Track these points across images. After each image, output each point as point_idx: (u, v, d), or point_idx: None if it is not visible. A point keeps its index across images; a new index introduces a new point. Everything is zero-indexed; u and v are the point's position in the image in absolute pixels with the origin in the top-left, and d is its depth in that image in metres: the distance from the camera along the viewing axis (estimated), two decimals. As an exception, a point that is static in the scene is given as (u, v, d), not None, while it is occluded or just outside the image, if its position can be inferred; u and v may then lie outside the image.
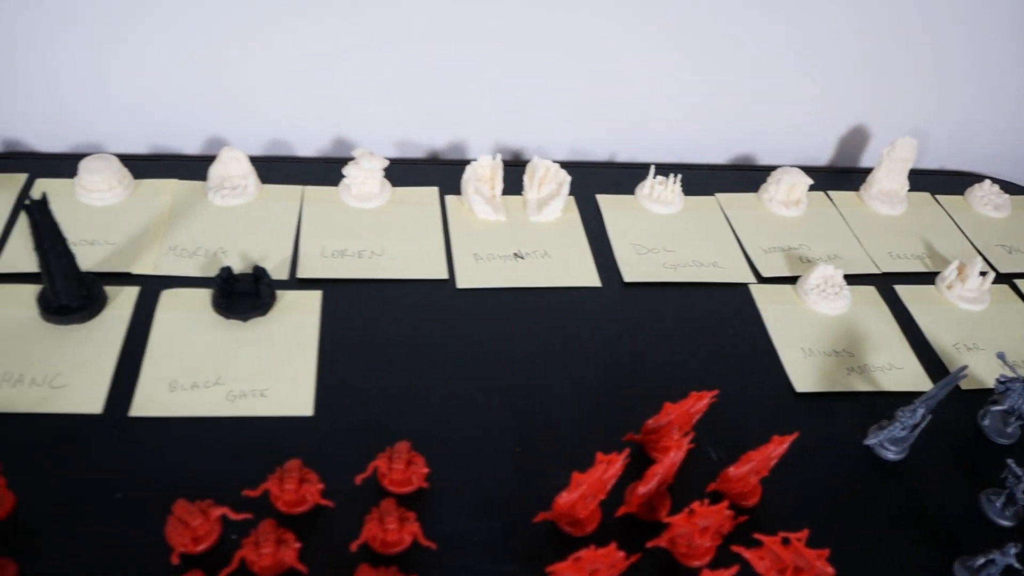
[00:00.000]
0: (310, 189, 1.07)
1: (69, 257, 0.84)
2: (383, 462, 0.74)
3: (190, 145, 1.15)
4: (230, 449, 0.78)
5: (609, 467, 0.70)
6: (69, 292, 0.86)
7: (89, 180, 1.00)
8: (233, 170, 1.03)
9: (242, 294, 0.90)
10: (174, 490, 0.71)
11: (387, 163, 1.04)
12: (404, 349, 0.89)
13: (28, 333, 0.85)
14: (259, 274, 0.90)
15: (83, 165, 1.00)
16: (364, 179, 1.04)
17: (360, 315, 0.92)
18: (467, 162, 1.06)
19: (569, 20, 1.09)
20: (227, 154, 1.03)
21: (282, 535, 0.68)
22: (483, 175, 1.05)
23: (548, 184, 1.08)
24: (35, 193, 0.95)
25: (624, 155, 1.26)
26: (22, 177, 1.03)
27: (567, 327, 0.94)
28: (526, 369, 0.88)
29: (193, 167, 1.07)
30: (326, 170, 1.08)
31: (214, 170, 1.03)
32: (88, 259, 0.92)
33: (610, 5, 1.08)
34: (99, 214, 1.00)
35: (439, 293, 0.96)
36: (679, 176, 1.11)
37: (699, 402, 0.77)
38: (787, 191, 1.12)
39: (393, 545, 0.70)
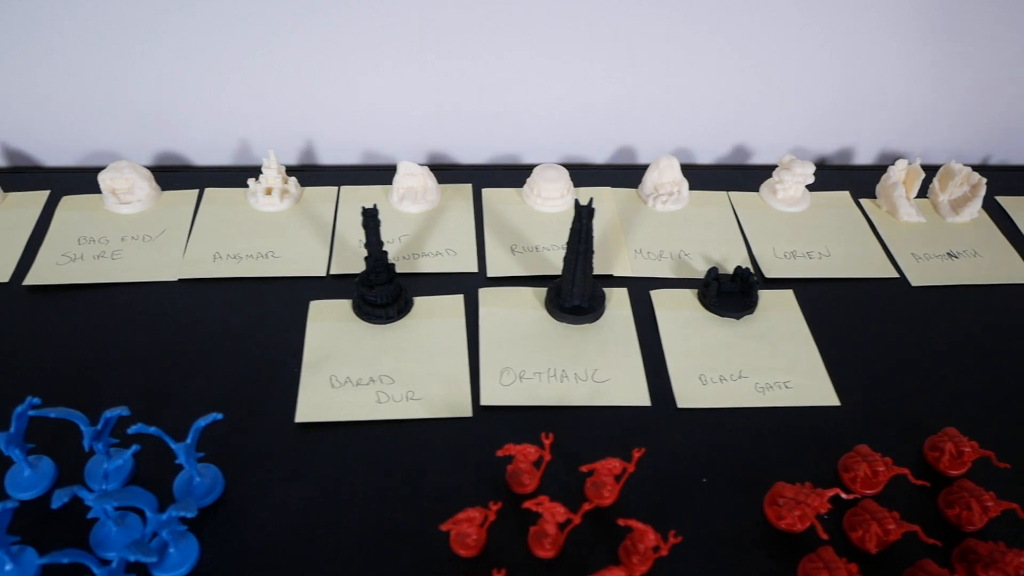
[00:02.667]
0: (735, 195, 1.15)
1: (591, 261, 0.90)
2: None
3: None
4: (762, 437, 0.84)
5: None
6: (583, 293, 0.93)
7: (545, 188, 1.07)
8: (666, 177, 1.10)
9: (728, 293, 0.95)
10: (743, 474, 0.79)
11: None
12: (876, 342, 0.95)
13: (544, 332, 0.94)
14: (743, 274, 0.96)
15: (538, 174, 1.08)
16: (790, 185, 1.10)
17: (833, 311, 0.99)
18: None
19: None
20: (664, 162, 1.10)
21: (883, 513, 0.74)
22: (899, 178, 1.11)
23: (961, 187, 1.12)
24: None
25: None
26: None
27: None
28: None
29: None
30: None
31: (648, 178, 1.10)
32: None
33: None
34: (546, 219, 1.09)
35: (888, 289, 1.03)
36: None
37: None
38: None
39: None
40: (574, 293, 0.92)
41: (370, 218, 0.86)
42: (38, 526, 0.73)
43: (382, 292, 0.91)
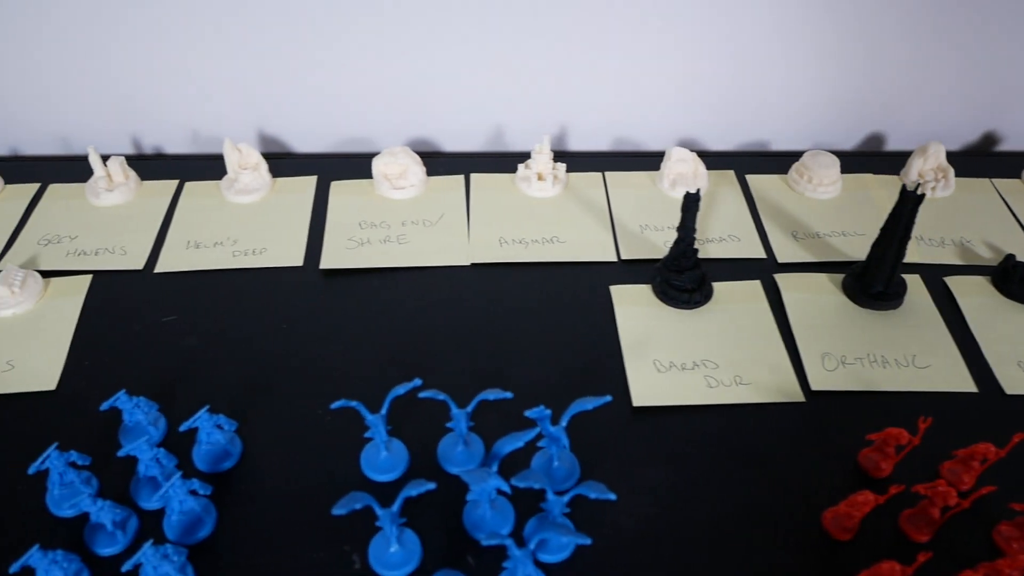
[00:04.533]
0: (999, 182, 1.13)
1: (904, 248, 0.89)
2: None
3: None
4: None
5: None
6: (888, 279, 0.91)
7: (818, 174, 1.07)
8: (931, 164, 1.08)
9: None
10: None
11: None
12: None
13: (850, 317, 0.93)
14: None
15: (810, 159, 1.08)
16: None
17: None
18: None
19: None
20: (932, 148, 1.09)
21: None
22: None
23: None
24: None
25: None
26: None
27: None
28: None
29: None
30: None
31: (914, 164, 1.08)
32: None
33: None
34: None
35: None
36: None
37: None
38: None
39: None
40: (879, 278, 0.90)
41: (692, 202, 0.85)
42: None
43: (690, 277, 0.90)
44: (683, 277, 0.90)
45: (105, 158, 1.05)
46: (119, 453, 0.72)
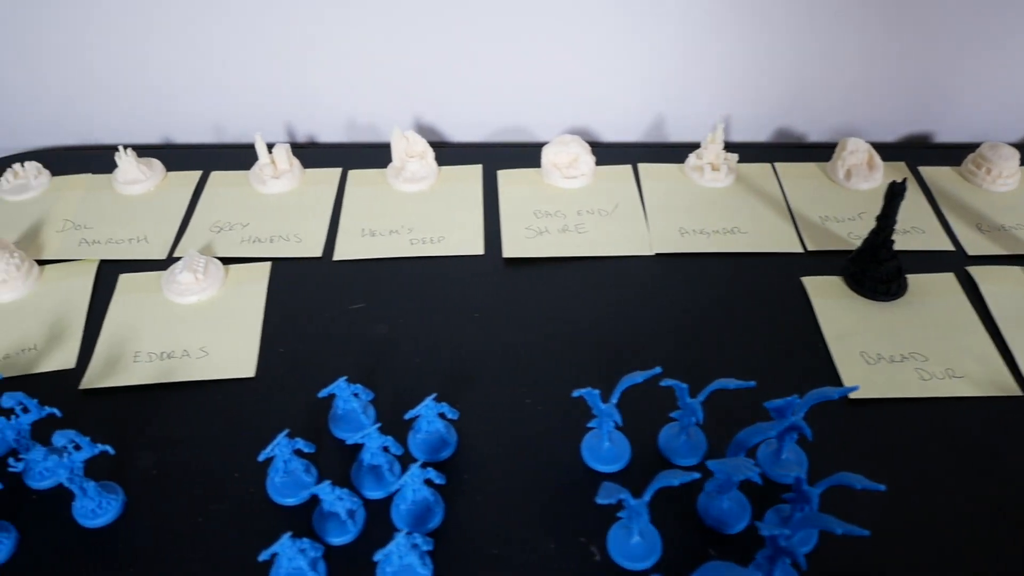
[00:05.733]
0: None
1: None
2: None
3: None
4: None
5: None
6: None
7: (998, 166, 1.04)
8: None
9: None
10: None
11: None
12: None
13: None
14: None
15: (990, 151, 1.05)
16: None
17: None
18: None
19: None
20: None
21: None
22: None
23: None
24: None
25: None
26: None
27: None
28: None
29: None
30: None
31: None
32: None
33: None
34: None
35: None
36: None
37: None
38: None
39: None
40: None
41: (898, 192, 0.83)
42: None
43: (888, 269, 0.88)
44: (881, 268, 0.88)
45: (270, 146, 1.04)
46: (349, 440, 0.71)
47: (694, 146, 1.07)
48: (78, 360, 0.85)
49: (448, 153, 1.10)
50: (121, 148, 1.04)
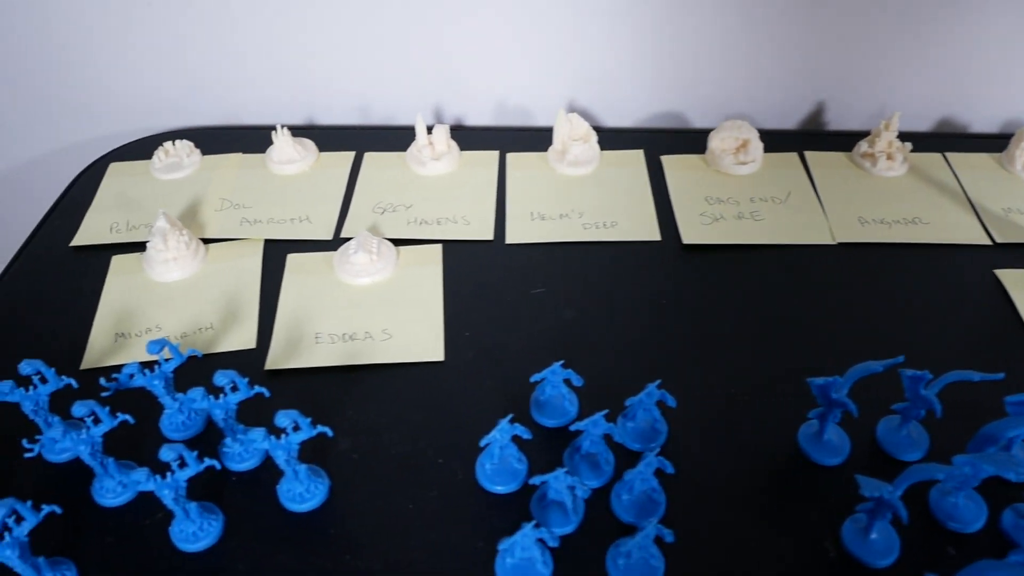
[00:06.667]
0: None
1: None
2: None
3: None
4: None
5: None
6: None
7: None
8: None
9: None
10: None
11: None
12: None
13: None
14: None
15: None
16: None
17: None
18: None
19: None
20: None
21: None
22: None
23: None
24: None
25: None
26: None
27: None
28: None
29: None
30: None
31: None
32: None
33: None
34: None
35: None
36: None
37: None
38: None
39: None
40: None
41: None
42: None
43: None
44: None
45: (428, 128, 1.01)
46: (573, 427, 0.69)
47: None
48: (257, 340, 0.83)
49: (605, 138, 1.07)
50: (278, 127, 1.02)
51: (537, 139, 1.07)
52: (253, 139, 1.08)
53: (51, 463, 0.74)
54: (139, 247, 0.94)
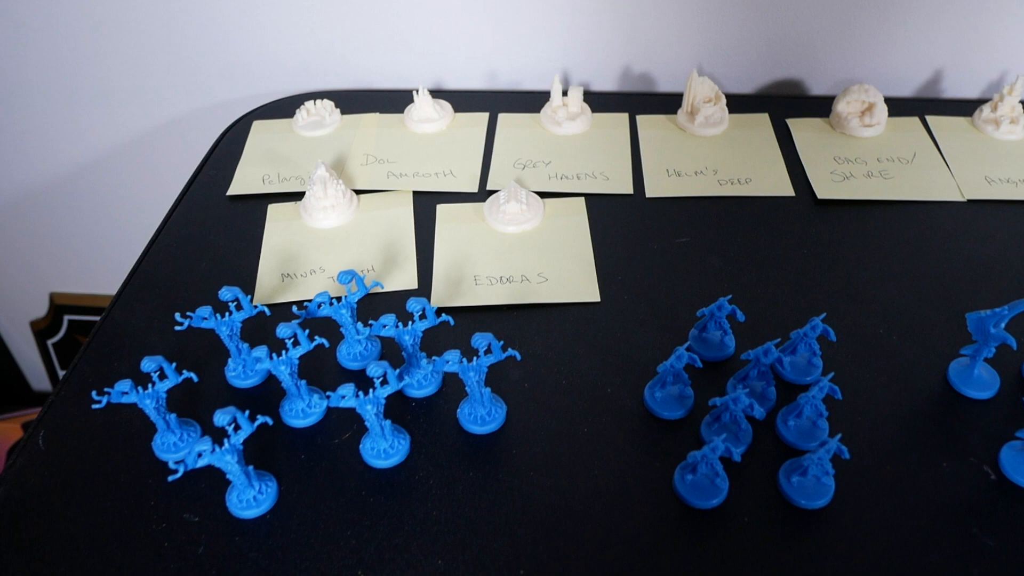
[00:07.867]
0: None
1: None
2: None
3: None
4: None
5: None
6: None
7: None
8: None
9: None
10: None
11: None
12: None
13: None
14: None
15: None
16: None
17: None
18: None
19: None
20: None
21: None
22: None
23: None
24: None
25: None
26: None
27: None
28: None
29: None
30: None
31: None
32: None
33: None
34: None
35: None
36: None
37: None
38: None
39: None
40: None
41: None
42: None
43: None
44: None
45: (564, 90, 1.06)
46: (743, 356, 0.74)
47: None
48: (419, 281, 0.88)
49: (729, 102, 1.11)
50: (420, 87, 1.07)
51: (662, 102, 1.12)
52: (387, 100, 1.13)
53: (236, 388, 0.80)
54: (292, 196, 0.99)
